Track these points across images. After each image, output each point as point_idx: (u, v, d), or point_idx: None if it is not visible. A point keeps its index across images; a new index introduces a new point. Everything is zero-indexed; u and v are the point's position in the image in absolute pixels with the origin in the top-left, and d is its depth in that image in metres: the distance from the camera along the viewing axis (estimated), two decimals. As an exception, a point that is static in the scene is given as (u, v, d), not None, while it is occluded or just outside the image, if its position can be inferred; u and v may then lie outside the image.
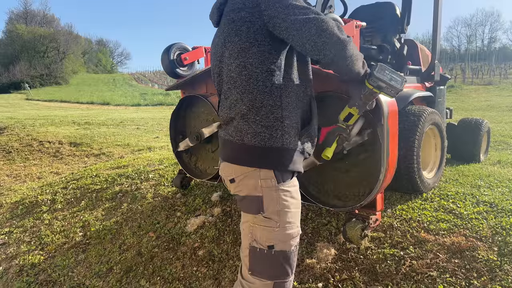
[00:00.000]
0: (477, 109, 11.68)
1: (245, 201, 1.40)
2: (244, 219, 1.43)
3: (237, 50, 1.35)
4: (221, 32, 1.43)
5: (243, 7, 1.34)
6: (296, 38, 1.31)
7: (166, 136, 7.85)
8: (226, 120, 1.45)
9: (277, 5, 1.30)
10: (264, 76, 1.34)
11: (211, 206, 3.18)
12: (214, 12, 1.50)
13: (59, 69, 41.10)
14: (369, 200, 2.11)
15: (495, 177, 3.15)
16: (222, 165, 1.47)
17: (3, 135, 8.17)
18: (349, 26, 2.19)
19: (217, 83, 1.52)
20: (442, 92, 3.51)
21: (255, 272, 1.38)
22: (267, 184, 1.35)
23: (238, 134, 1.37)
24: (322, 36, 1.28)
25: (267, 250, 1.35)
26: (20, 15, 51.86)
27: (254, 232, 1.37)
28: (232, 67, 1.37)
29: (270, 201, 1.35)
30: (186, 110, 3.27)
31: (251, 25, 1.32)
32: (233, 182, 1.42)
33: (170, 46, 3.06)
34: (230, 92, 1.40)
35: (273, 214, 1.35)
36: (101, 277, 2.66)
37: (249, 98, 1.35)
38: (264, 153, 1.35)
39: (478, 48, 48.96)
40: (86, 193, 4.03)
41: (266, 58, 1.34)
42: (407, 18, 3.36)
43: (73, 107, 21.14)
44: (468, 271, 1.99)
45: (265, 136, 1.34)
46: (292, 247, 1.38)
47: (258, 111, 1.34)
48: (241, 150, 1.37)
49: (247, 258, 1.40)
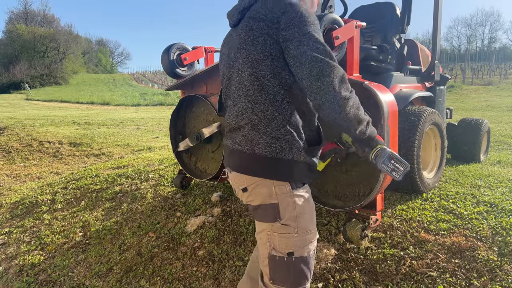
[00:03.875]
0: (477, 109, 11.68)
1: (259, 210, 1.38)
2: (260, 228, 1.40)
3: (251, 59, 1.33)
4: (237, 36, 1.41)
5: (264, 18, 1.32)
6: (297, 70, 1.28)
7: (166, 136, 7.85)
8: (233, 127, 1.43)
9: (295, 29, 1.27)
10: (275, 89, 1.33)
11: (211, 206, 3.18)
12: (234, 13, 1.47)
13: (59, 69, 41.05)
14: (369, 200, 2.11)
15: (495, 177, 3.15)
16: (232, 175, 1.45)
17: (3, 135, 8.17)
18: (349, 26, 2.18)
19: (226, 85, 1.50)
20: (442, 92, 3.51)
21: (276, 281, 1.37)
22: (281, 190, 1.34)
23: (248, 143, 1.36)
24: (319, 81, 1.24)
25: (287, 257, 1.34)
26: (20, 15, 51.86)
27: (273, 240, 1.35)
28: (245, 75, 1.35)
29: (286, 207, 1.34)
30: (186, 110, 3.27)
31: (268, 38, 1.30)
32: (245, 191, 1.40)
33: (170, 46, 3.06)
34: (239, 99, 1.38)
35: (290, 221, 1.34)
36: (101, 277, 2.66)
37: (260, 109, 1.33)
38: (275, 164, 1.34)
39: (478, 48, 48.94)
40: (86, 193, 4.03)
41: (278, 73, 1.32)
42: (407, 18, 3.36)
43: (73, 107, 21.14)
44: (468, 271, 1.99)
45: (276, 147, 1.33)
46: (311, 251, 1.38)
47: (270, 123, 1.33)
48: (252, 161, 1.36)
49: (267, 267, 1.39)
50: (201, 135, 2.89)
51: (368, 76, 2.44)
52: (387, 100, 2.01)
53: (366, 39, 3.49)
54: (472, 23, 53.31)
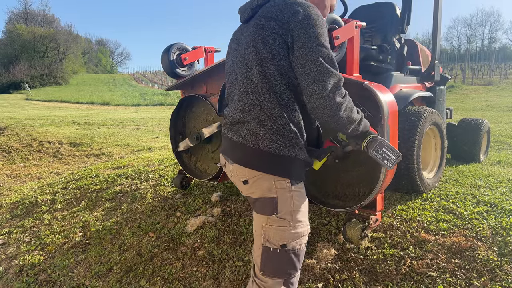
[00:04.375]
0: (477, 109, 11.68)
1: (258, 203, 1.42)
2: (257, 219, 1.44)
3: (260, 57, 1.35)
4: (248, 34, 1.43)
5: (275, 18, 1.35)
6: (298, 72, 1.32)
7: (166, 136, 7.85)
8: (236, 121, 1.44)
9: (302, 31, 1.30)
10: (282, 89, 1.36)
11: (211, 206, 3.18)
12: (247, 10, 1.50)
13: (59, 69, 41.05)
14: (369, 200, 2.11)
15: (495, 177, 3.15)
16: (233, 166, 1.47)
17: (3, 135, 8.17)
18: (349, 26, 2.18)
19: (231, 80, 1.51)
20: (442, 92, 3.51)
21: (267, 272, 1.41)
22: (281, 185, 1.38)
23: (253, 138, 1.38)
24: (315, 85, 1.28)
25: (280, 249, 1.38)
26: (20, 15, 51.87)
27: (267, 232, 1.39)
28: (254, 72, 1.37)
29: (284, 202, 1.38)
30: (186, 110, 3.27)
31: (277, 38, 1.33)
32: (246, 184, 1.43)
33: (170, 46, 3.06)
34: (247, 95, 1.40)
35: (286, 215, 1.38)
36: (101, 277, 2.66)
37: (268, 106, 1.36)
38: (278, 160, 1.37)
39: (478, 48, 48.93)
40: (86, 193, 4.03)
41: (285, 73, 1.35)
42: (407, 18, 3.36)
43: (73, 107, 21.14)
44: (468, 271, 1.99)
45: (280, 144, 1.36)
46: (302, 244, 1.43)
47: (276, 120, 1.36)
48: (256, 155, 1.39)
49: (259, 258, 1.42)
50: (201, 135, 2.89)
51: (368, 76, 2.44)
52: (387, 100, 2.01)
53: (366, 39, 3.49)
54: (472, 23, 53.36)
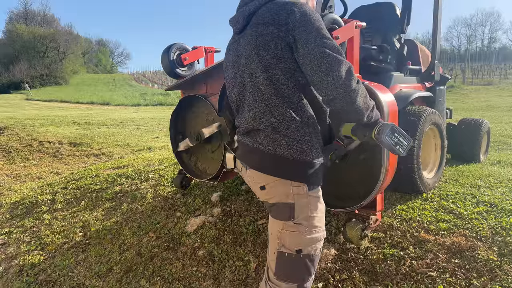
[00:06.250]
0: (477, 109, 11.69)
1: (275, 208, 1.41)
2: (273, 224, 1.43)
3: (265, 64, 1.35)
4: (246, 43, 1.41)
5: (272, 22, 1.34)
6: (307, 68, 1.30)
7: (166, 136, 7.85)
8: (247, 130, 1.44)
9: (302, 28, 1.29)
10: (291, 92, 1.36)
11: (211, 206, 3.18)
12: (239, 19, 1.47)
13: (59, 69, 41.07)
14: (369, 200, 2.11)
15: (495, 177, 3.15)
16: (250, 172, 1.46)
17: (3, 135, 8.17)
18: (349, 26, 2.18)
19: (239, 91, 1.48)
20: (442, 92, 3.51)
21: (281, 276, 1.40)
22: (299, 191, 1.37)
23: (270, 144, 1.37)
24: (329, 76, 1.26)
25: (295, 254, 1.37)
26: (20, 15, 51.87)
27: (283, 237, 1.38)
28: (260, 79, 1.36)
29: (301, 207, 1.37)
30: (186, 110, 3.27)
31: (279, 41, 1.32)
32: (263, 189, 1.42)
33: (170, 46, 3.06)
34: (255, 104, 1.39)
35: (303, 220, 1.37)
36: (101, 277, 2.66)
37: (278, 111, 1.36)
38: (296, 166, 1.36)
39: (478, 48, 48.97)
40: (86, 193, 4.03)
41: (292, 75, 1.35)
42: (407, 18, 3.36)
43: (73, 107, 21.14)
44: (468, 271, 1.99)
45: (296, 149, 1.36)
46: (317, 249, 1.41)
47: (289, 125, 1.35)
48: (273, 161, 1.38)
49: (273, 262, 1.41)
50: (201, 135, 2.89)
51: (368, 76, 2.44)
52: (387, 100, 2.01)
53: (366, 39, 3.49)
54: (472, 23, 53.44)
